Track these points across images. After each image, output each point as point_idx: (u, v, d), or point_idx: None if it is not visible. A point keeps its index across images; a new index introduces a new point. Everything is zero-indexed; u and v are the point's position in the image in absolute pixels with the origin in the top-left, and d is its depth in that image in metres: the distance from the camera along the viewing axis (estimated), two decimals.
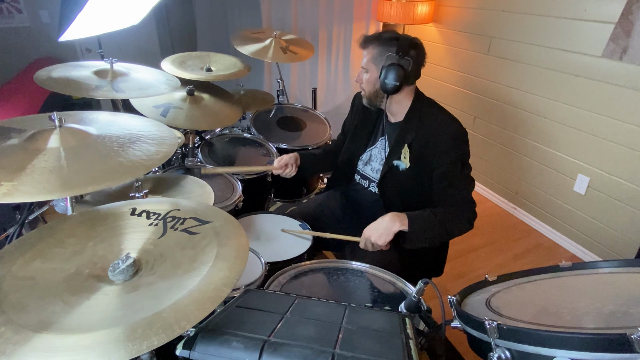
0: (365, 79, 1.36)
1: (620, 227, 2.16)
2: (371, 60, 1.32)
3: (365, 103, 1.43)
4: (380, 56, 1.29)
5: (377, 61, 1.31)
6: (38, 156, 0.79)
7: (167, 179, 1.38)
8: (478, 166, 3.04)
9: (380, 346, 0.68)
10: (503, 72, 2.67)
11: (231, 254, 0.70)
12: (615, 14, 1.98)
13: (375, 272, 1.19)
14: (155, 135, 0.94)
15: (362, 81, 1.38)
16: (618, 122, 2.07)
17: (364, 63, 1.35)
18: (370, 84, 1.35)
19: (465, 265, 2.28)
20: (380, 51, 1.29)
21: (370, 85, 1.36)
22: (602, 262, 0.87)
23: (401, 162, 1.35)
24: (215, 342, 0.64)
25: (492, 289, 0.91)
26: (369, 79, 1.35)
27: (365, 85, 1.38)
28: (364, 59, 1.35)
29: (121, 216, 0.82)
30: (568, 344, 0.57)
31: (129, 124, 0.98)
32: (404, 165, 1.34)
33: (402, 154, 1.34)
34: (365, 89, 1.38)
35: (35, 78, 1.20)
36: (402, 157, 1.34)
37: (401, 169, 1.35)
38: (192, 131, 1.73)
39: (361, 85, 1.40)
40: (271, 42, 2.20)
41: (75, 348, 0.53)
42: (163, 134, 0.96)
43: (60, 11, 1.34)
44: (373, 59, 1.31)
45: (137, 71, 1.41)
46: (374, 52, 1.31)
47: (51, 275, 0.67)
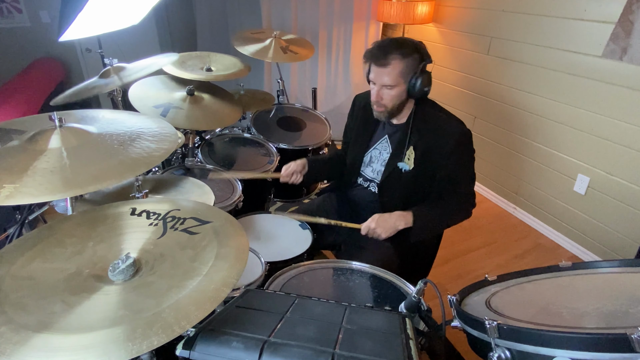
0: (391, 94, 1.29)
1: (620, 227, 2.16)
2: (399, 75, 1.26)
3: (384, 118, 1.37)
4: (408, 69, 1.25)
5: (405, 74, 1.26)
6: (39, 157, 0.79)
7: (167, 179, 1.38)
8: (478, 166, 3.00)
9: (380, 346, 0.68)
10: (503, 72, 2.67)
11: (231, 254, 0.70)
12: (615, 14, 1.98)
13: (375, 272, 1.19)
14: (156, 132, 0.94)
15: (385, 99, 1.31)
16: (618, 122, 2.07)
17: (388, 81, 1.26)
18: (396, 98, 1.30)
19: (465, 265, 2.28)
20: (407, 64, 1.25)
21: (395, 99, 1.30)
22: (602, 262, 0.87)
23: (405, 164, 1.35)
24: (215, 342, 0.64)
25: (492, 289, 0.91)
26: (395, 93, 1.29)
27: (388, 101, 1.31)
28: (388, 77, 1.26)
29: (121, 216, 0.82)
30: (568, 344, 0.57)
31: (129, 121, 0.98)
32: (408, 167, 1.35)
33: (406, 156, 1.34)
34: (389, 105, 1.31)
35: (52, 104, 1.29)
36: (406, 158, 1.34)
37: (404, 170, 1.36)
38: (192, 131, 1.73)
39: (380, 102, 1.32)
40: (271, 42, 2.20)
41: (75, 348, 0.53)
42: (163, 130, 0.96)
43: (60, 11, 1.34)
44: (402, 74, 1.25)
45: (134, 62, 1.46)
46: (402, 67, 1.25)
47: (51, 275, 0.67)
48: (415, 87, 1.26)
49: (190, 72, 1.81)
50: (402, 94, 1.29)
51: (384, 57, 1.24)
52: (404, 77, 1.26)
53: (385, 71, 1.26)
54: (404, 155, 1.35)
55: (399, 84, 1.27)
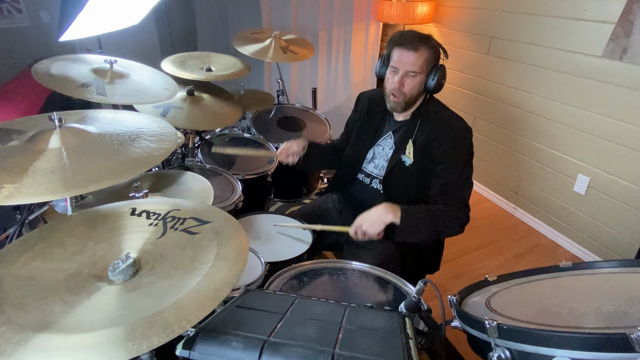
0: (414, 82, 1.29)
1: (620, 227, 2.16)
2: (425, 63, 1.28)
3: (399, 109, 1.36)
4: (431, 58, 1.29)
5: (428, 63, 1.29)
6: (39, 157, 0.79)
7: (166, 176, 1.38)
8: (478, 166, 3.04)
9: (380, 346, 0.68)
10: (503, 72, 2.67)
11: (231, 254, 0.70)
12: (615, 14, 1.98)
13: (376, 272, 1.19)
14: (156, 131, 0.94)
15: (406, 86, 1.30)
16: (618, 122, 2.07)
17: (414, 66, 1.27)
18: (415, 87, 1.30)
19: (465, 265, 2.28)
20: (433, 54, 1.29)
21: (414, 89, 1.31)
22: (602, 262, 0.87)
23: (407, 158, 1.35)
24: (215, 342, 0.64)
25: (492, 289, 0.91)
26: (416, 82, 1.29)
27: (408, 89, 1.30)
28: (415, 61, 1.26)
29: (121, 216, 0.82)
30: (568, 344, 0.57)
31: (129, 121, 0.98)
32: (409, 160, 1.34)
33: (406, 150, 1.34)
34: (408, 93, 1.31)
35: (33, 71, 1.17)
36: (407, 152, 1.34)
37: (407, 164, 1.35)
38: (192, 131, 1.73)
39: (402, 89, 1.30)
40: (271, 42, 2.20)
41: (75, 348, 0.53)
42: (163, 130, 0.96)
43: (60, 11, 1.34)
44: (426, 61, 1.28)
45: (136, 72, 1.41)
46: (427, 55, 1.27)
47: (51, 275, 0.67)
48: (433, 79, 1.29)
49: (190, 72, 1.81)
50: (421, 84, 1.31)
51: (415, 42, 1.26)
52: (427, 67, 1.29)
53: (414, 55, 1.26)
54: (405, 149, 1.35)
55: (422, 72, 1.29)
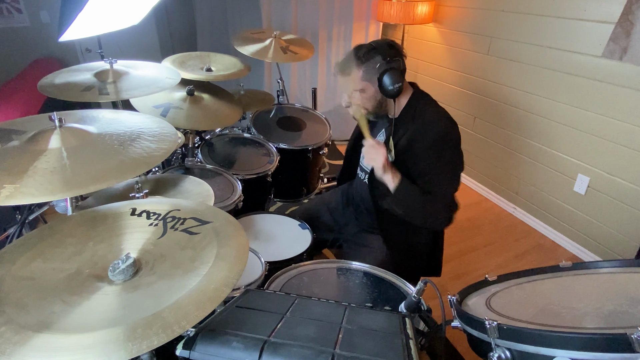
0: (365, 97, 1.33)
1: (620, 227, 2.16)
2: (363, 79, 1.29)
3: (372, 118, 1.40)
4: (370, 70, 1.27)
5: (369, 76, 1.28)
6: (40, 157, 0.79)
7: (166, 179, 1.38)
8: (478, 166, 3.04)
9: (380, 346, 0.68)
10: (503, 72, 2.67)
11: (231, 254, 0.70)
12: (615, 14, 1.98)
13: (376, 272, 1.19)
14: (156, 131, 0.94)
15: (359, 102, 1.35)
16: (618, 122, 2.07)
17: (354, 86, 1.32)
18: (371, 99, 1.33)
19: (465, 265, 2.28)
20: (367, 67, 1.27)
21: (371, 100, 1.33)
22: (602, 262, 0.87)
23: (389, 155, 1.34)
24: (215, 342, 0.64)
25: (492, 289, 0.91)
26: (368, 95, 1.32)
27: (365, 103, 1.34)
28: (352, 83, 1.31)
29: (121, 216, 0.82)
30: (568, 344, 0.57)
31: (129, 121, 0.98)
32: (390, 158, 1.34)
33: (388, 147, 1.34)
34: (368, 106, 1.35)
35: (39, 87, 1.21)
36: (388, 149, 1.34)
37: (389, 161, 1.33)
38: (192, 131, 1.73)
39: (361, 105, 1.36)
40: (271, 42, 2.20)
41: (75, 348, 0.53)
42: (163, 130, 0.96)
43: (60, 11, 1.34)
44: (364, 77, 1.29)
45: (137, 68, 1.41)
46: (362, 72, 1.28)
47: (51, 275, 0.67)
48: (382, 86, 1.27)
49: (190, 72, 1.81)
50: (375, 94, 1.31)
51: (344, 68, 1.32)
52: (369, 80, 1.29)
53: (349, 79, 1.32)
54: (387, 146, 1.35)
55: (367, 87, 1.30)
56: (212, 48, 2.37)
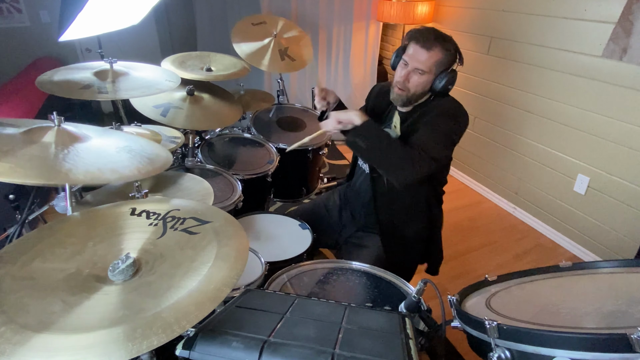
0: (420, 80, 1.27)
1: (620, 227, 2.16)
2: (434, 64, 1.25)
3: (401, 102, 1.33)
4: (444, 61, 1.25)
5: (439, 65, 1.25)
6: (30, 146, 0.80)
7: (166, 177, 1.38)
8: (478, 166, 3.04)
9: (380, 346, 0.68)
10: (503, 72, 2.67)
11: (231, 254, 0.70)
12: (615, 14, 1.98)
13: (375, 272, 1.19)
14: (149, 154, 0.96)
15: (410, 80, 1.28)
16: (618, 122, 2.07)
17: (423, 65, 1.25)
18: (421, 85, 1.28)
19: (465, 265, 2.28)
20: (445, 56, 1.25)
21: (420, 87, 1.28)
22: (602, 262, 0.87)
23: (392, 131, 1.33)
24: (215, 342, 0.64)
25: (492, 289, 0.91)
26: (423, 80, 1.27)
27: (413, 85, 1.28)
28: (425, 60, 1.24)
29: (121, 216, 0.82)
30: (568, 344, 0.57)
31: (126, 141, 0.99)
32: (394, 133, 1.32)
33: (393, 122, 1.32)
34: (412, 89, 1.29)
35: (37, 82, 1.19)
36: (392, 126, 1.32)
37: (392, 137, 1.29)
38: (192, 131, 1.73)
39: (406, 84, 1.29)
40: (270, 42, 2.20)
41: (75, 348, 0.53)
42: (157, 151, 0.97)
43: (60, 11, 1.34)
44: (437, 62, 1.25)
45: (136, 69, 1.41)
46: (441, 57, 1.25)
47: (51, 275, 0.67)
48: (440, 82, 1.26)
49: (190, 72, 1.81)
50: (427, 83, 1.28)
51: (430, 41, 1.24)
52: (437, 68, 1.26)
53: (425, 54, 1.24)
54: (391, 123, 1.32)
55: (431, 72, 1.26)
56: (212, 48, 2.37)
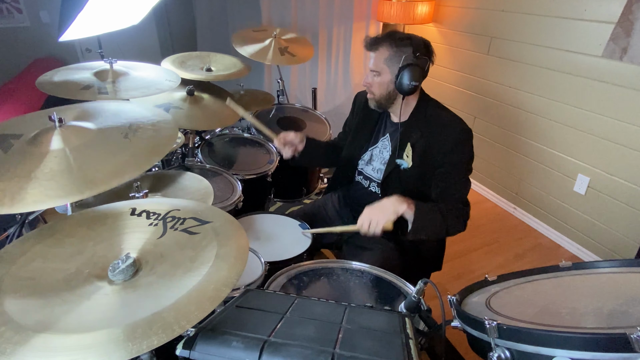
0: (377, 81, 1.30)
1: (620, 227, 2.16)
2: (384, 62, 1.26)
3: (373, 106, 1.38)
4: (395, 57, 1.25)
5: (391, 62, 1.26)
6: (44, 159, 0.79)
7: (166, 176, 1.38)
8: (478, 166, 3.04)
9: (380, 346, 0.68)
10: (503, 72, 2.67)
11: (231, 254, 0.70)
12: (615, 14, 1.98)
13: (376, 272, 1.19)
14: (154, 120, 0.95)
15: (372, 84, 1.32)
16: (618, 122, 2.07)
17: (373, 65, 1.29)
18: (383, 86, 1.30)
19: (465, 265, 2.28)
20: (395, 52, 1.24)
21: (382, 87, 1.30)
22: (602, 262, 0.87)
23: (404, 162, 1.34)
24: (215, 342, 0.64)
25: (492, 289, 0.91)
26: (381, 81, 1.29)
27: (375, 88, 1.32)
28: (374, 61, 1.28)
29: (121, 216, 0.82)
30: (568, 344, 0.57)
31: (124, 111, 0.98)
32: (407, 164, 1.34)
33: (404, 153, 1.34)
34: (376, 92, 1.33)
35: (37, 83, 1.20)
36: (404, 156, 1.33)
37: (403, 167, 1.35)
38: (192, 131, 1.73)
39: (370, 88, 1.34)
40: (271, 43, 2.20)
41: (75, 348, 0.53)
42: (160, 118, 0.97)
43: (60, 11, 1.34)
44: (387, 60, 1.26)
45: (136, 69, 1.41)
46: (388, 54, 1.25)
47: (51, 275, 0.67)
48: (401, 79, 1.24)
49: (190, 72, 1.81)
50: (388, 83, 1.29)
51: (374, 42, 1.28)
52: (390, 66, 1.26)
53: (372, 55, 1.29)
54: (403, 152, 1.34)
55: (384, 71, 1.28)
56: (212, 48, 2.37)
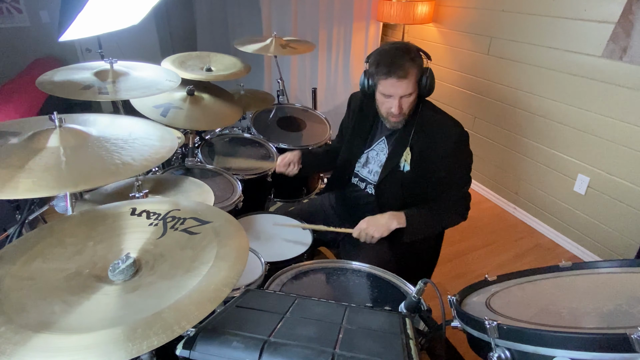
0: (410, 101, 1.29)
1: (620, 227, 2.16)
2: (415, 80, 1.26)
3: (401, 125, 1.34)
4: (419, 72, 1.26)
5: (417, 77, 1.27)
6: (39, 154, 0.79)
7: (166, 179, 1.38)
8: (478, 166, 3.04)
9: (380, 346, 0.68)
10: (503, 72, 2.67)
11: (231, 254, 0.70)
12: (615, 14, 1.98)
13: (376, 272, 1.19)
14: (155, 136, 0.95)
15: (405, 107, 1.29)
16: (618, 122, 2.07)
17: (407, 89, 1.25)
18: (413, 102, 1.30)
19: (465, 265, 2.28)
20: (418, 66, 1.26)
21: (412, 104, 1.30)
22: (602, 262, 0.87)
23: (402, 165, 1.35)
24: (215, 342, 0.64)
25: (492, 289, 0.91)
26: (413, 99, 1.29)
27: (408, 107, 1.30)
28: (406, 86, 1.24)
29: (121, 216, 0.82)
30: (568, 344, 0.57)
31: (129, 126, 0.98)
32: (407, 167, 1.34)
33: (403, 157, 1.34)
34: (407, 112, 1.31)
35: (37, 83, 1.20)
36: (402, 159, 1.34)
37: (401, 171, 1.35)
38: (192, 131, 1.73)
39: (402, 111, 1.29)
40: (271, 42, 2.21)
41: (75, 348, 0.53)
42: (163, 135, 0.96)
43: (60, 11, 1.34)
44: (416, 77, 1.26)
45: (137, 69, 1.41)
46: (415, 72, 1.25)
47: (51, 275, 0.67)
48: (425, 87, 1.28)
49: (190, 72, 1.81)
50: (416, 97, 1.30)
51: (403, 69, 1.22)
52: (417, 80, 1.28)
53: (404, 82, 1.24)
54: (401, 156, 1.35)
55: (415, 89, 1.28)
56: (212, 48, 2.37)
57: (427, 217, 1.34)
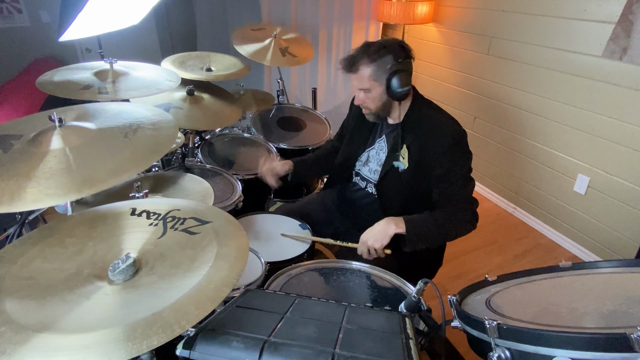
0: (370, 97, 1.31)
1: (620, 227, 2.16)
2: (369, 80, 1.27)
3: (372, 119, 1.39)
4: (379, 70, 1.25)
5: (376, 76, 1.26)
6: (44, 159, 0.79)
7: (166, 177, 1.38)
8: (478, 166, 3.04)
9: (380, 346, 0.69)
10: (503, 72, 2.67)
11: (231, 254, 0.70)
12: (615, 14, 1.98)
13: (375, 271, 1.19)
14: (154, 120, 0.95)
15: (364, 101, 1.33)
16: (618, 122, 2.07)
17: (360, 85, 1.29)
18: (376, 99, 1.31)
19: (465, 265, 2.28)
20: (377, 66, 1.25)
21: (376, 101, 1.31)
22: (602, 262, 0.87)
23: (400, 163, 1.34)
24: (215, 342, 0.64)
25: (492, 289, 0.91)
26: (374, 96, 1.30)
27: (369, 103, 1.33)
28: (358, 81, 1.29)
29: (121, 216, 0.82)
30: (568, 344, 0.57)
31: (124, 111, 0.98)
32: (403, 166, 1.34)
33: (400, 155, 1.34)
34: (371, 107, 1.33)
35: (37, 83, 1.20)
36: (400, 157, 1.34)
37: (400, 169, 1.35)
38: (192, 131, 1.73)
39: (364, 104, 1.35)
40: (270, 42, 2.20)
41: (75, 348, 0.53)
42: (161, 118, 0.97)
43: (60, 11, 1.34)
44: (372, 76, 1.26)
45: (137, 69, 1.41)
46: (370, 70, 1.25)
47: (51, 275, 0.67)
48: (391, 88, 1.26)
49: (190, 72, 1.81)
50: (381, 95, 1.30)
51: (352, 64, 1.27)
52: (378, 80, 1.27)
53: (355, 77, 1.29)
54: (398, 154, 1.34)
55: (373, 87, 1.28)
56: (212, 48, 2.37)
57: (429, 223, 1.27)
